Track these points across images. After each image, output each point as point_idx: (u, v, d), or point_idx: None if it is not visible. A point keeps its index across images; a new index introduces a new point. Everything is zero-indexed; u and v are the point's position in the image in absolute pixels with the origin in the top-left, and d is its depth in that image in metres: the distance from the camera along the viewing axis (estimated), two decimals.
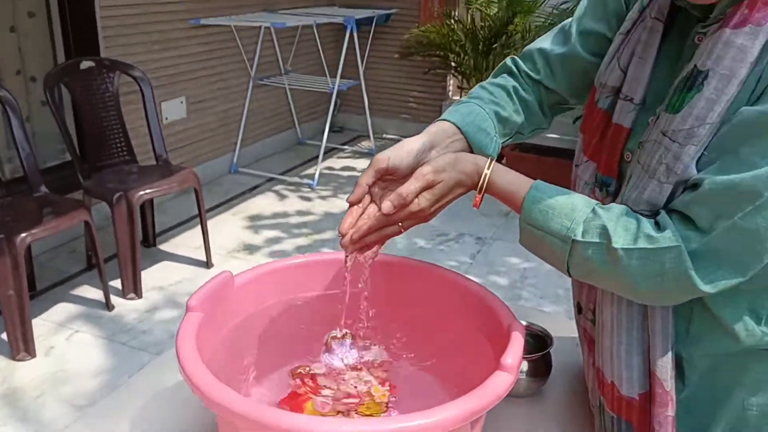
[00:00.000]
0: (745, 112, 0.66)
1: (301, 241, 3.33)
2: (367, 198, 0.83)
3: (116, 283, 2.73)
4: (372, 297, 0.92)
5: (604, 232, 0.69)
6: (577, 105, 1.00)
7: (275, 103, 4.64)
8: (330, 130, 4.29)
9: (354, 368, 0.85)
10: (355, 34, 4.18)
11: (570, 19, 0.96)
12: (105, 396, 1.02)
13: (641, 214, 0.71)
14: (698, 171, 0.68)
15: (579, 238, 0.70)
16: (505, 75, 0.99)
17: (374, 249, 0.83)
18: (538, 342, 1.07)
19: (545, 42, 0.97)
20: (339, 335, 0.86)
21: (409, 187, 0.78)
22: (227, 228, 3.45)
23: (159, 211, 3.33)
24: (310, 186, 4.05)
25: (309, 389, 0.82)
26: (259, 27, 4.11)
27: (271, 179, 4.19)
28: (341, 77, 4.14)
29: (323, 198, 3.92)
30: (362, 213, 0.82)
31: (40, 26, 3.18)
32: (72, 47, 3.14)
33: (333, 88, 4.08)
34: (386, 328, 0.92)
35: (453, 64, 4.52)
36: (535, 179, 0.78)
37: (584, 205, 0.73)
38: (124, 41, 3.28)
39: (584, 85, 0.93)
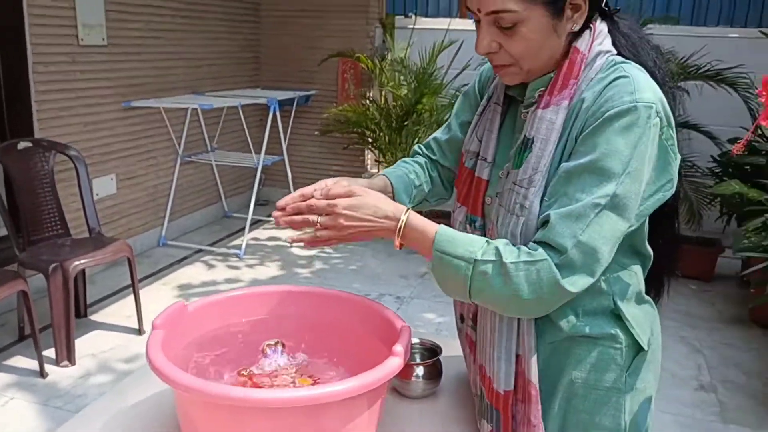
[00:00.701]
0: (564, 166, 0.97)
1: None
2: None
3: (49, 353, 2.81)
4: (298, 317, 1.18)
5: (497, 252, 0.95)
6: None
7: (202, 179, 4.87)
8: (255, 203, 4.54)
9: (284, 368, 1.09)
10: (278, 114, 4.52)
11: (452, 114, 1.29)
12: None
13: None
14: (543, 211, 0.97)
15: (479, 257, 0.95)
16: (417, 156, 1.32)
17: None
18: (431, 353, 1.35)
19: (437, 133, 1.31)
20: (272, 343, 1.11)
21: (335, 187, 1.03)
22: (157, 297, 3.58)
23: (88, 284, 3.44)
24: (237, 256, 4.25)
25: (250, 385, 1.06)
26: (187, 108, 4.38)
27: (199, 251, 4.37)
28: (266, 153, 4.44)
29: (251, 266, 4.12)
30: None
31: None
32: (7, 128, 3.31)
33: (258, 163, 4.36)
34: (310, 339, 1.18)
35: (369, 140, 4.91)
36: None
37: (479, 238, 0.99)
38: (58, 123, 3.47)
39: None
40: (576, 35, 1.01)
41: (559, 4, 0.96)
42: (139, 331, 3.13)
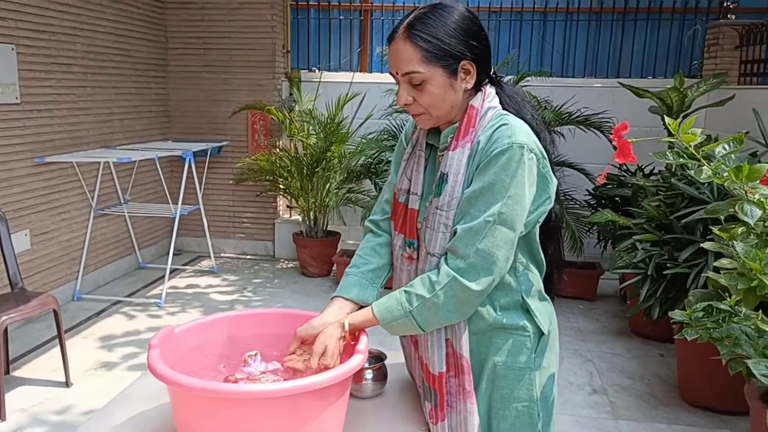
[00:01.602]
0: (466, 192, 1.30)
1: None
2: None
3: None
4: (270, 333, 1.42)
5: (418, 295, 1.27)
6: None
7: (115, 231, 4.89)
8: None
9: (263, 373, 1.32)
10: (193, 165, 4.67)
11: (390, 173, 1.58)
12: None
13: (437, 257, 1.30)
14: (453, 226, 1.30)
15: (410, 308, 1.28)
16: (368, 236, 1.56)
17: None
18: (377, 359, 1.61)
19: (384, 195, 1.56)
20: (252, 354, 1.34)
21: (313, 361, 1.30)
22: (80, 350, 3.59)
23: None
24: (158, 305, 4.31)
25: None
26: (99, 162, 4.44)
27: (116, 302, 4.38)
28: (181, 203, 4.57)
29: (172, 314, 4.19)
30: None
31: None
32: None
33: (176, 213, 4.48)
34: (282, 351, 1.41)
35: (282, 186, 5.16)
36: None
37: (398, 294, 1.31)
38: None
39: None
40: (472, 95, 1.36)
41: (453, 67, 1.31)
42: (67, 384, 3.15)
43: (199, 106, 5.49)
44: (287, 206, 5.68)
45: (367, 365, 1.58)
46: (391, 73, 1.36)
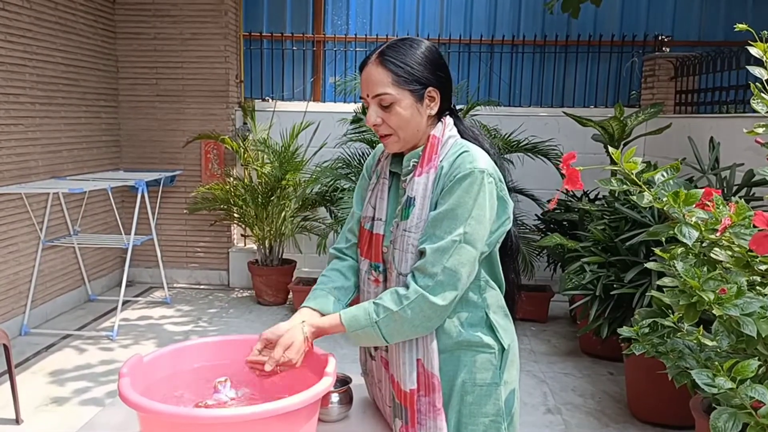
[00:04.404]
0: (432, 214, 1.38)
1: (112, 386, 3.50)
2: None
3: None
4: (237, 360, 1.45)
5: (386, 307, 1.34)
6: None
7: (64, 263, 4.78)
8: (120, 285, 4.55)
9: (234, 399, 1.35)
10: (146, 195, 4.63)
11: (354, 202, 1.64)
12: None
13: (405, 276, 1.36)
14: (419, 245, 1.37)
15: (376, 318, 1.34)
16: (334, 261, 1.62)
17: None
18: (342, 383, 1.65)
19: (348, 224, 1.63)
20: (222, 380, 1.37)
21: (276, 351, 1.36)
22: (29, 386, 3.48)
23: None
24: (109, 337, 4.21)
25: None
26: (48, 193, 4.35)
27: (66, 336, 4.26)
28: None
29: (125, 347, 4.10)
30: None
31: None
32: None
33: (129, 243, 4.41)
34: (250, 377, 1.44)
35: (236, 215, 5.15)
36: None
37: (367, 305, 1.37)
38: None
39: None
40: (434, 125, 1.47)
41: (420, 92, 1.43)
42: (17, 421, 3.05)
43: (151, 136, 5.45)
44: (242, 235, 5.66)
45: (332, 389, 1.62)
46: (362, 97, 1.46)
